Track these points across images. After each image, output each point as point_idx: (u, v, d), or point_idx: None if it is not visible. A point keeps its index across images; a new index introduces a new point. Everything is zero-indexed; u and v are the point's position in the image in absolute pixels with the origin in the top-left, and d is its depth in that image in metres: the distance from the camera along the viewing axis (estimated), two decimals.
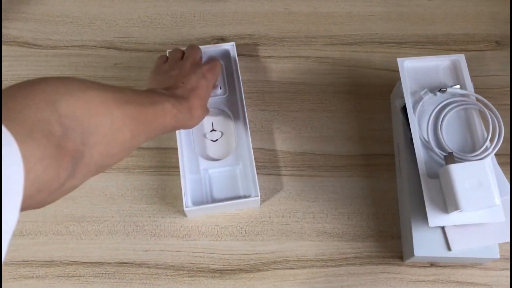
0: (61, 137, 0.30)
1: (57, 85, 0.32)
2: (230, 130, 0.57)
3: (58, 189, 0.31)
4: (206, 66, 0.54)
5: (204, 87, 0.51)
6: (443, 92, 0.53)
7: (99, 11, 0.67)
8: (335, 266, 0.54)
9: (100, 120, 0.33)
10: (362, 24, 0.66)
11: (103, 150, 0.34)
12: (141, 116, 0.39)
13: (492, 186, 0.46)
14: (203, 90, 0.51)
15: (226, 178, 0.55)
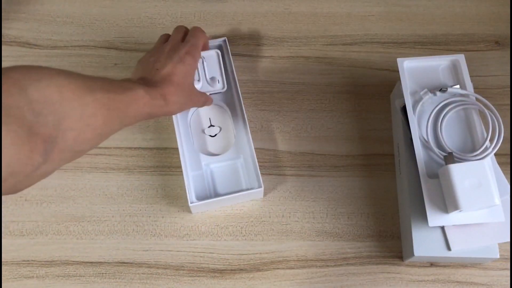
0: (32, 122, 0.30)
1: (28, 71, 0.32)
2: (228, 125, 0.57)
3: (32, 173, 0.32)
4: (184, 49, 0.50)
5: (182, 72, 0.48)
6: (443, 92, 0.53)
7: (99, 11, 0.67)
8: (335, 266, 0.54)
9: (71, 105, 0.34)
10: (362, 24, 0.66)
11: (76, 136, 0.35)
12: (112, 102, 0.39)
13: (492, 186, 0.46)
14: (180, 76, 0.48)
15: (228, 172, 0.55)
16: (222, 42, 0.60)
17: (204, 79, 0.56)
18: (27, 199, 0.56)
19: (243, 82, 0.60)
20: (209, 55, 0.57)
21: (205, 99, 0.54)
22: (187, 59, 0.49)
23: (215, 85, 0.56)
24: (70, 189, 0.57)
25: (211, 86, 0.56)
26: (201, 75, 0.56)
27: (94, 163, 0.58)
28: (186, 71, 0.49)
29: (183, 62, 0.49)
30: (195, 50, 0.51)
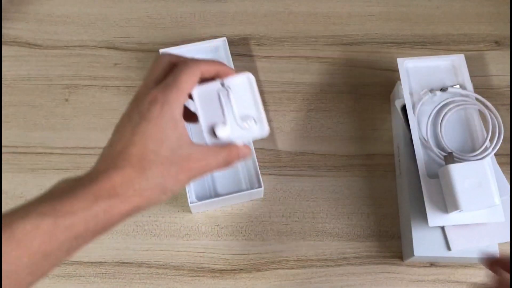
0: None
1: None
2: None
3: None
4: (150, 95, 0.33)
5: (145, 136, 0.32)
6: (444, 91, 0.53)
7: (99, 11, 0.67)
8: (335, 266, 0.54)
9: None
10: (362, 24, 0.66)
11: None
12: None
13: (492, 186, 0.46)
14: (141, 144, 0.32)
15: (228, 172, 0.55)
16: (222, 42, 0.60)
17: (233, 121, 0.37)
18: (27, 199, 0.56)
19: None
20: (237, 83, 0.38)
21: (228, 154, 0.35)
22: (151, 111, 0.32)
23: (250, 127, 0.37)
24: None
25: (244, 129, 0.37)
26: (227, 114, 0.37)
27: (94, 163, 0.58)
28: (154, 131, 0.32)
29: (144, 118, 0.32)
30: (169, 89, 0.33)
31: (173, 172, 0.32)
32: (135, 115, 0.33)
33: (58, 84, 0.62)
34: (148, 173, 0.31)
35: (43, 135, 0.59)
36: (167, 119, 0.32)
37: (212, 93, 0.37)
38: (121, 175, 0.31)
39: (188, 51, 0.60)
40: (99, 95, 0.61)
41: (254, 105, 0.37)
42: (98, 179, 0.31)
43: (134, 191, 0.31)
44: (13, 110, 0.60)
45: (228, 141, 0.36)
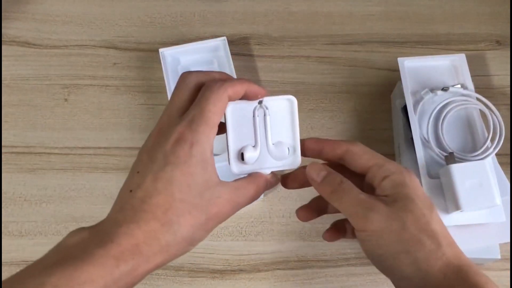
0: None
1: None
2: None
3: None
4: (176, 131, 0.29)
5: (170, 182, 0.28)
6: (445, 91, 0.53)
7: (98, 10, 0.67)
8: (336, 266, 0.54)
9: None
10: (362, 23, 0.66)
11: None
12: None
13: (493, 186, 0.46)
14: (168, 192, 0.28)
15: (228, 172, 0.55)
16: (222, 41, 0.60)
17: (264, 145, 0.34)
18: (26, 199, 0.56)
19: None
20: (276, 104, 0.34)
21: (256, 191, 0.33)
22: (179, 153, 0.29)
23: (282, 155, 0.34)
24: (69, 189, 0.56)
25: (275, 157, 0.34)
26: (260, 137, 0.34)
27: (93, 163, 0.58)
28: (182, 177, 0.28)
29: (170, 162, 0.29)
30: (196, 124, 0.29)
31: (202, 221, 0.29)
32: (158, 156, 0.29)
33: (57, 84, 0.62)
34: (175, 227, 0.28)
35: (42, 135, 0.59)
36: (197, 162, 0.29)
37: (247, 112, 0.33)
38: (144, 231, 0.27)
39: (188, 50, 0.60)
40: (98, 95, 0.61)
41: (291, 132, 0.34)
42: (119, 237, 0.27)
43: (161, 248, 0.28)
44: (12, 110, 0.60)
45: (255, 169, 0.33)
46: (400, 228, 0.31)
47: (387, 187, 0.32)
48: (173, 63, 0.60)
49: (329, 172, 0.34)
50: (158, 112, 0.60)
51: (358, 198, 0.32)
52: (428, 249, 0.31)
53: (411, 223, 0.31)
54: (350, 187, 0.33)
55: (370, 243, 0.32)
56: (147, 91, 0.62)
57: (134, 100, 0.61)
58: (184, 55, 0.60)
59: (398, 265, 0.31)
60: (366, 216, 0.31)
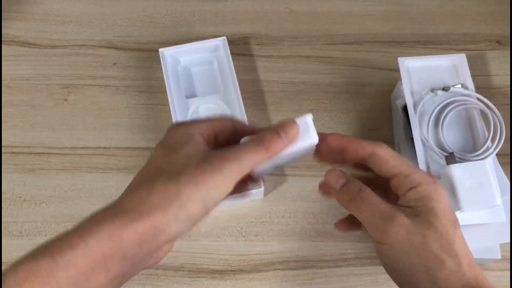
0: None
1: None
2: None
3: None
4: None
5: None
6: (446, 90, 0.53)
7: (98, 10, 0.66)
8: (336, 266, 0.53)
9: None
10: (362, 23, 0.66)
11: None
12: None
13: (493, 186, 0.46)
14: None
15: None
16: (222, 41, 0.60)
17: None
18: (26, 200, 0.56)
19: (243, 82, 0.59)
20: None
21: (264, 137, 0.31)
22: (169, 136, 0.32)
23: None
24: (69, 189, 0.56)
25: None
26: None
27: (93, 163, 0.57)
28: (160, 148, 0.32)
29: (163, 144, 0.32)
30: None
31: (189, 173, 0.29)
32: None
33: (57, 84, 0.62)
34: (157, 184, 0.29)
35: (42, 135, 0.59)
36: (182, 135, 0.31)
37: None
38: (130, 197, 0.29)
39: (188, 50, 0.60)
40: (98, 95, 0.61)
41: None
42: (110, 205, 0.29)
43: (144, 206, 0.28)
44: (12, 110, 0.60)
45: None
46: (421, 244, 0.30)
47: (412, 198, 0.31)
48: (173, 63, 0.60)
49: (348, 179, 0.33)
50: (158, 112, 0.60)
51: (378, 208, 0.31)
52: (449, 269, 0.30)
53: (433, 240, 0.30)
54: (370, 196, 0.32)
55: (388, 256, 0.31)
56: (147, 91, 0.61)
57: (134, 100, 0.61)
58: (184, 55, 0.60)
59: (416, 282, 0.30)
60: (386, 228, 0.30)
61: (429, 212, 0.30)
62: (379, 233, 0.31)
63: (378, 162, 0.32)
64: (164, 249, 0.33)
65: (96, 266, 0.27)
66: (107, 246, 0.27)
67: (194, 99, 0.58)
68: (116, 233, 0.27)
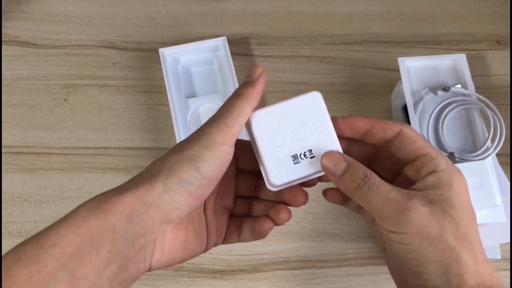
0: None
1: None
2: None
3: None
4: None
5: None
6: (446, 90, 0.53)
7: (98, 10, 0.66)
8: (336, 266, 0.53)
9: None
10: (362, 23, 0.66)
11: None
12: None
13: (493, 186, 0.46)
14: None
15: None
16: (222, 41, 0.60)
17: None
18: (26, 199, 0.56)
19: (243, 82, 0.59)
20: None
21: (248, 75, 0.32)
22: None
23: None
24: (69, 189, 0.56)
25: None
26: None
27: (93, 163, 0.57)
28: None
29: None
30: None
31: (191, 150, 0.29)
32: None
33: (57, 84, 0.62)
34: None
35: (42, 135, 0.59)
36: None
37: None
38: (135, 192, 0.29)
39: (188, 50, 0.60)
40: (98, 95, 0.61)
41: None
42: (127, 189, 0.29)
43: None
44: (12, 110, 0.60)
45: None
46: (438, 236, 0.28)
47: (431, 183, 0.29)
48: (173, 63, 0.60)
49: (350, 163, 0.30)
50: (158, 112, 0.60)
51: (389, 196, 0.28)
52: (464, 264, 0.28)
53: (450, 231, 0.28)
54: (378, 182, 0.29)
55: (399, 245, 0.28)
56: (146, 91, 0.61)
57: (133, 100, 0.61)
58: (184, 55, 0.60)
59: (425, 274, 0.28)
60: (399, 219, 0.28)
61: (446, 201, 0.28)
62: (393, 223, 0.28)
63: (406, 141, 0.30)
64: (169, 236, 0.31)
65: (84, 245, 0.25)
66: (93, 222, 0.26)
67: (194, 99, 0.58)
68: (101, 207, 0.26)
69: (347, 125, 0.32)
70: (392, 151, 0.31)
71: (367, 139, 0.32)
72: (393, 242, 0.29)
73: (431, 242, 0.28)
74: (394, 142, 0.31)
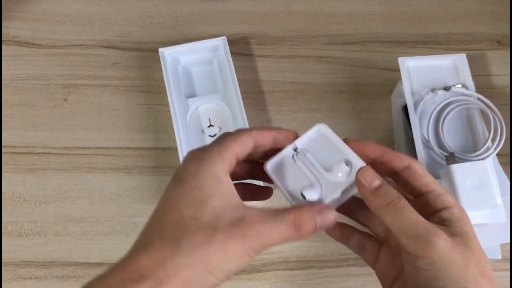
0: None
1: None
2: (228, 125, 0.57)
3: None
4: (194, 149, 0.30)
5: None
6: (446, 90, 0.53)
7: (98, 10, 0.66)
8: (336, 266, 0.53)
9: None
10: (362, 23, 0.66)
11: None
12: None
13: (494, 187, 0.46)
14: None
15: None
16: (222, 41, 0.60)
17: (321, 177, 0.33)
18: (25, 200, 0.56)
19: (243, 82, 0.59)
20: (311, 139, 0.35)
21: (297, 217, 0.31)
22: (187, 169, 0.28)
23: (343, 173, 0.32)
24: (69, 189, 0.56)
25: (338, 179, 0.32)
26: (312, 174, 0.33)
27: (93, 163, 0.57)
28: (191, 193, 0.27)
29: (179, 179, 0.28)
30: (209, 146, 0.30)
31: (218, 241, 0.25)
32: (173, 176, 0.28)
33: (56, 84, 0.62)
34: (183, 244, 0.25)
35: (42, 135, 0.59)
36: (207, 177, 0.27)
37: (288, 161, 0.33)
38: (149, 254, 0.25)
39: (188, 50, 0.60)
40: (98, 95, 0.61)
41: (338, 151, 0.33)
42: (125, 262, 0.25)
43: (166, 272, 0.24)
44: (12, 110, 0.60)
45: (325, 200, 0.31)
46: (465, 265, 0.29)
47: (447, 218, 0.30)
48: (172, 63, 0.60)
49: (383, 183, 0.30)
50: (158, 112, 0.60)
51: (419, 219, 0.29)
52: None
53: (473, 263, 0.29)
54: (409, 205, 0.29)
55: (428, 272, 0.29)
56: (146, 91, 0.61)
57: (133, 100, 0.61)
58: (183, 55, 0.60)
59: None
60: (432, 240, 0.28)
61: (466, 235, 0.30)
62: (421, 245, 0.28)
63: (414, 176, 0.31)
64: None
65: None
66: None
67: (194, 99, 0.58)
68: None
69: (357, 148, 0.32)
70: (397, 183, 0.32)
71: (375, 167, 0.32)
72: (421, 270, 0.29)
73: (458, 270, 0.28)
74: (402, 175, 0.32)
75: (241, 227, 0.26)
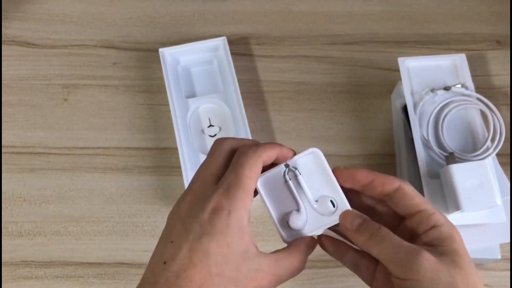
0: None
1: None
2: (228, 125, 0.57)
3: None
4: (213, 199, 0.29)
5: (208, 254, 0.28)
6: (446, 90, 0.53)
7: (98, 10, 0.66)
8: (336, 266, 0.53)
9: None
10: (362, 23, 0.66)
11: None
12: None
13: (493, 186, 0.46)
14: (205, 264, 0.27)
15: None
16: (222, 41, 0.60)
17: (307, 205, 0.34)
18: (25, 199, 0.56)
19: (243, 82, 0.59)
20: (303, 161, 0.35)
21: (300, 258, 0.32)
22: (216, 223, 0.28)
23: (328, 210, 0.33)
24: (69, 189, 0.56)
25: (322, 213, 0.33)
26: (300, 199, 0.34)
27: (92, 163, 0.57)
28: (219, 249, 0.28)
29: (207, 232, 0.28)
30: (234, 192, 0.30)
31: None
32: (194, 225, 0.28)
33: (56, 84, 0.62)
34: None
35: (42, 135, 0.59)
36: (234, 232, 0.28)
37: (278, 179, 0.34)
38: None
39: (188, 50, 0.60)
40: (98, 95, 0.61)
41: (328, 184, 0.34)
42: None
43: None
44: (12, 110, 0.60)
45: (307, 231, 0.33)
46: (451, 283, 0.29)
47: (435, 237, 0.31)
48: (173, 63, 0.60)
49: (365, 219, 0.32)
50: (158, 112, 0.60)
51: (402, 244, 0.30)
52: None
53: (460, 280, 0.29)
54: (391, 233, 0.31)
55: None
56: (146, 91, 0.61)
57: (133, 100, 0.61)
58: (184, 55, 0.60)
59: None
60: (413, 263, 0.29)
61: (454, 253, 0.30)
62: (405, 269, 0.29)
63: (404, 197, 0.32)
64: None
65: None
66: None
67: (194, 99, 0.58)
68: None
69: (348, 176, 0.34)
70: (390, 205, 0.33)
71: (367, 192, 0.33)
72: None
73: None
74: (393, 197, 0.32)
75: (259, 279, 0.29)
